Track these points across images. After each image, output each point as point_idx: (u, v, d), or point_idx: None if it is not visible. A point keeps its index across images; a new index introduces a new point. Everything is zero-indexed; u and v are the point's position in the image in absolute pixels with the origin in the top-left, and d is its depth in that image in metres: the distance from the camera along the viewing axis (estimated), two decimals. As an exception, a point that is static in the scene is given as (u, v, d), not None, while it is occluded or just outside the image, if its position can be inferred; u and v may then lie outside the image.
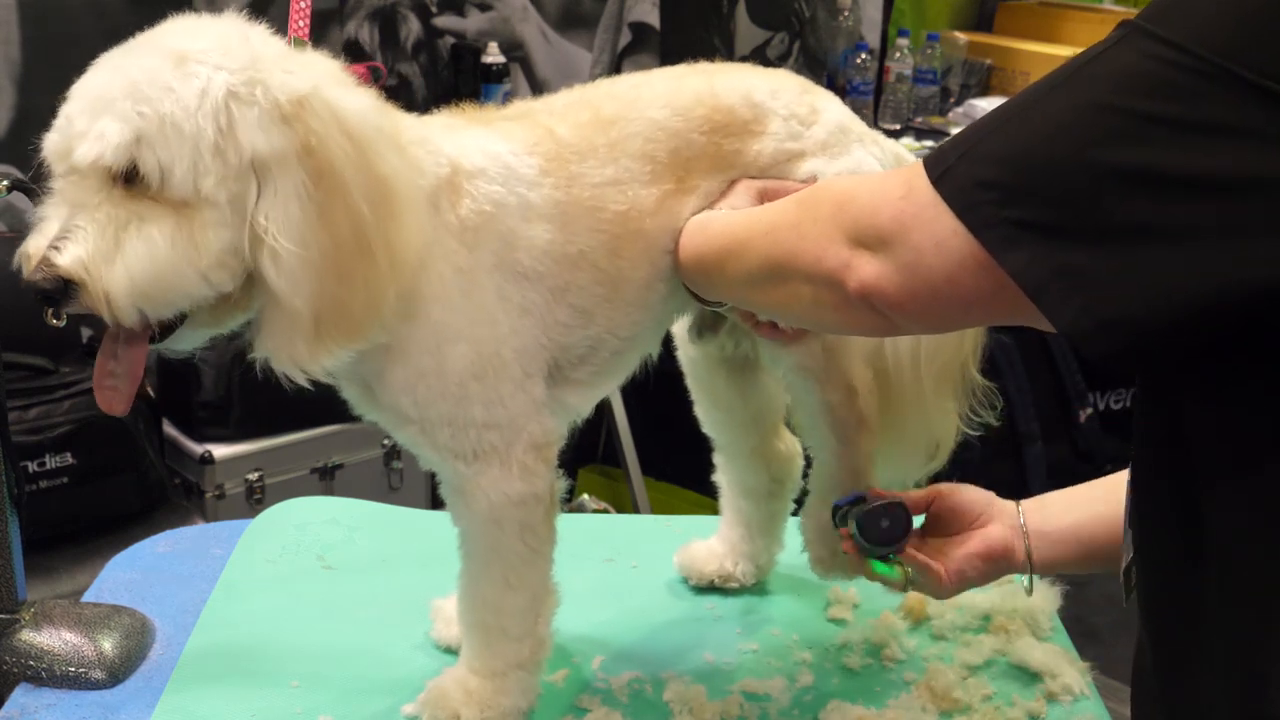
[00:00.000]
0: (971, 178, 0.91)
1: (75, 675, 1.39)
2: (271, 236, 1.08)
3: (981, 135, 0.92)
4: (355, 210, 1.10)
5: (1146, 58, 0.83)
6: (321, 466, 2.93)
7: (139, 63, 1.09)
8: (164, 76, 1.08)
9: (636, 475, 3.18)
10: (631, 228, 1.29)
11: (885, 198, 0.98)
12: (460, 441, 1.24)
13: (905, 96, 4.05)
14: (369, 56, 3.28)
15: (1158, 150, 0.82)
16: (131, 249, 1.06)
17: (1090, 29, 4.12)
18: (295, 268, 1.09)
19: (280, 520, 1.76)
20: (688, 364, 1.54)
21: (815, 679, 1.44)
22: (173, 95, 1.07)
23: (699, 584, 1.62)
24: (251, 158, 1.08)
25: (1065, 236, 0.86)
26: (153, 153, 1.06)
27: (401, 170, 1.14)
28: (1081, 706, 1.42)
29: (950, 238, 0.92)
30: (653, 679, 1.43)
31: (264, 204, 1.08)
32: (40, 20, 2.74)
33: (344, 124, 1.11)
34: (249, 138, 1.08)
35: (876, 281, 0.97)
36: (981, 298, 0.93)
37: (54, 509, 2.50)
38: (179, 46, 1.10)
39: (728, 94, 1.35)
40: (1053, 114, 0.87)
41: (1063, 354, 3.71)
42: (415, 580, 1.60)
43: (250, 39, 1.13)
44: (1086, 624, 3.24)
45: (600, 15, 3.67)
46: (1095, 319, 0.85)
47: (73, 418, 2.55)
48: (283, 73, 1.11)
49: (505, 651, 1.32)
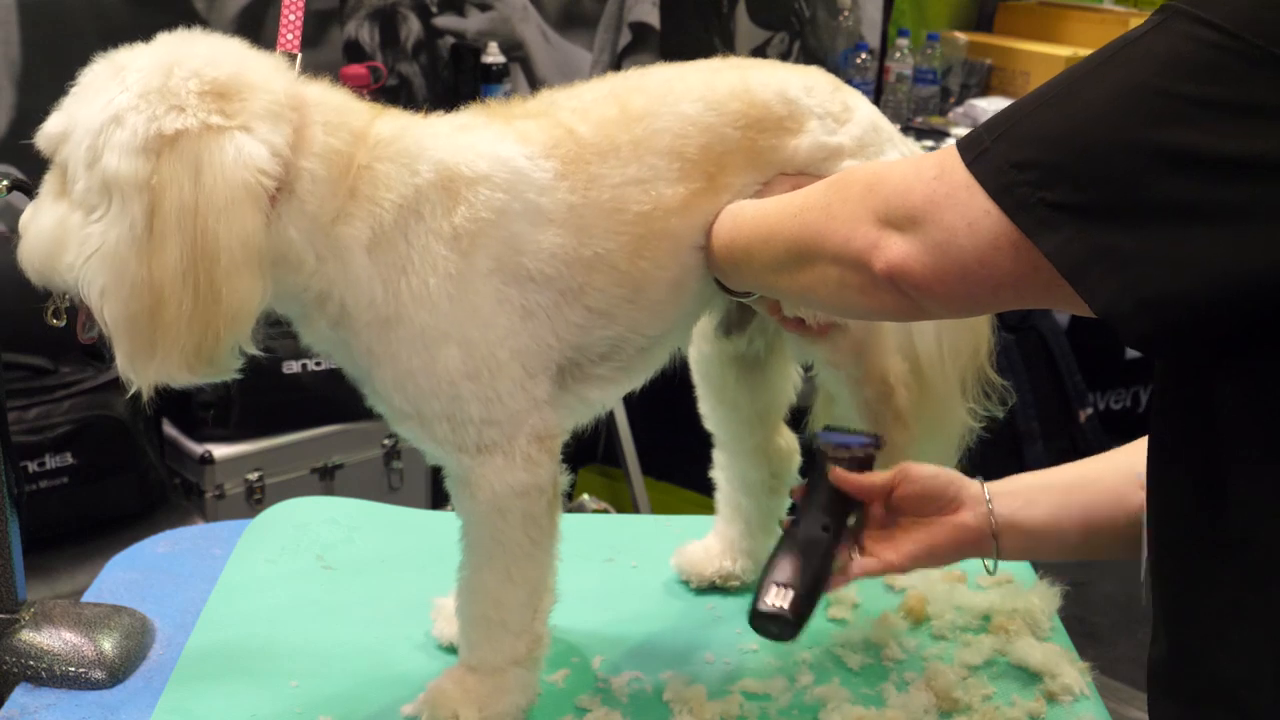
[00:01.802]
0: (1007, 159, 0.90)
1: (75, 675, 1.39)
2: (88, 249, 1.13)
3: (1018, 118, 0.92)
4: (173, 258, 1.12)
5: (1190, 40, 0.83)
6: (321, 466, 2.93)
7: (103, 66, 1.17)
8: (100, 82, 1.16)
9: (636, 475, 3.18)
10: (655, 228, 1.28)
11: (918, 178, 0.98)
12: (460, 436, 1.25)
13: (905, 96, 4.06)
14: (369, 56, 3.28)
15: (1202, 131, 0.82)
16: (35, 222, 1.19)
17: (1090, 29, 4.12)
18: (104, 292, 1.14)
19: (280, 520, 1.76)
20: (698, 361, 1.54)
21: (815, 679, 1.44)
22: (88, 103, 1.15)
23: (699, 586, 1.62)
24: (105, 178, 1.12)
25: (1103, 218, 0.85)
26: (65, 147, 1.16)
27: (244, 226, 1.14)
28: (1081, 706, 1.42)
29: (983, 218, 0.91)
30: (653, 679, 1.43)
31: (100, 222, 1.13)
32: (40, 20, 2.74)
33: (202, 174, 1.12)
34: (108, 159, 1.12)
35: (904, 262, 0.97)
36: (1013, 279, 0.92)
37: (54, 509, 2.50)
38: (127, 60, 1.16)
39: (762, 89, 1.34)
40: (1092, 97, 0.87)
41: (1063, 354, 3.71)
42: (415, 580, 1.60)
43: (180, 68, 1.15)
44: (1086, 624, 3.24)
45: (600, 15, 3.67)
46: (1133, 300, 0.85)
47: (73, 418, 2.55)
48: (171, 108, 1.13)
49: (503, 647, 1.32)
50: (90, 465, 2.56)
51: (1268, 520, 0.88)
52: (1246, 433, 0.89)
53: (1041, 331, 3.75)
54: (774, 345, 1.49)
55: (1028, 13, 4.42)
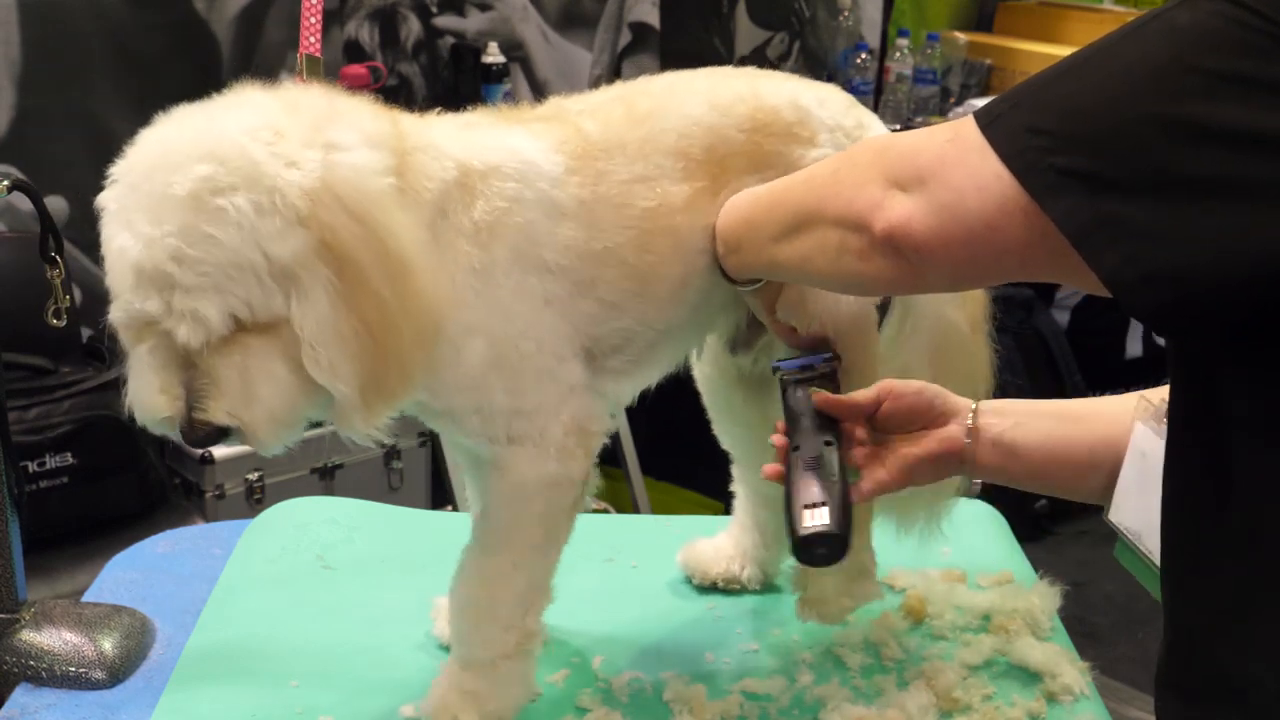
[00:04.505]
0: (1021, 124, 0.90)
1: (75, 675, 1.39)
2: (308, 337, 1.11)
3: (1037, 87, 0.92)
4: (377, 293, 1.12)
5: (1216, 17, 0.83)
6: (321, 466, 2.93)
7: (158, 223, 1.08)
8: (197, 228, 1.07)
9: (636, 475, 3.18)
10: (661, 224, 1.29)
11: (930, 141, 0.97)
12: (491, 428, 1.26)
13: (905, 96, 4.05)
14: (369, 56, 3.28)
15: (1222, 106, 0.81)
16: (263, 389, 1.12)
17: (1090, 29, 4.11)
18: (332, 361, 1.11)
19: (280, 520, 1.76)
20: (704, 382, 1.55)
21: (815, 679, 1.44)
22: (216, 243, 1.08)
23: (702, 583, 1.62)
24: (282, 267, 1.10)
25: (1115, 187, 0.85)
26: (235, 299, 1.09)
27: (405, 228, 1.15)
28: (1081, 706, 1.42)
29: (993, 181, 0.91)
30: (653, 679, 1.43)
31: (298, 307, 1.11)
32: (40, 20, 2.74)
33: (349, 206, 1.11)
34: (275, 250, 1.09)
35: (906, 222, 0.96)
36: (1018, 245, 0.92)
37: (54, 509, 2.50)
38: (185, 187, 1.08)
39: (773, 96, 1.35)
40: (1113, 68, 0.87)
41: (1063, 354, 3.71)
42: (415, 580, 1.59)
43: (238, 137, 1.11)
44: (1086, 624, 3.24)
45: (600, 15, 3.67)
46: (1139, 270, 0.84)
47: (73, 418, 2.55)
48: (286, 168, 1.10)
49: (491, 639, 1.31)
50: (90, 465, 2.56)
51: (1274, 514, 0.88)
52: (1253, 423, 0.89)
53: (1041, 331, 3.75)
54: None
55: (1028, 13, 4.42)
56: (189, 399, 1.12)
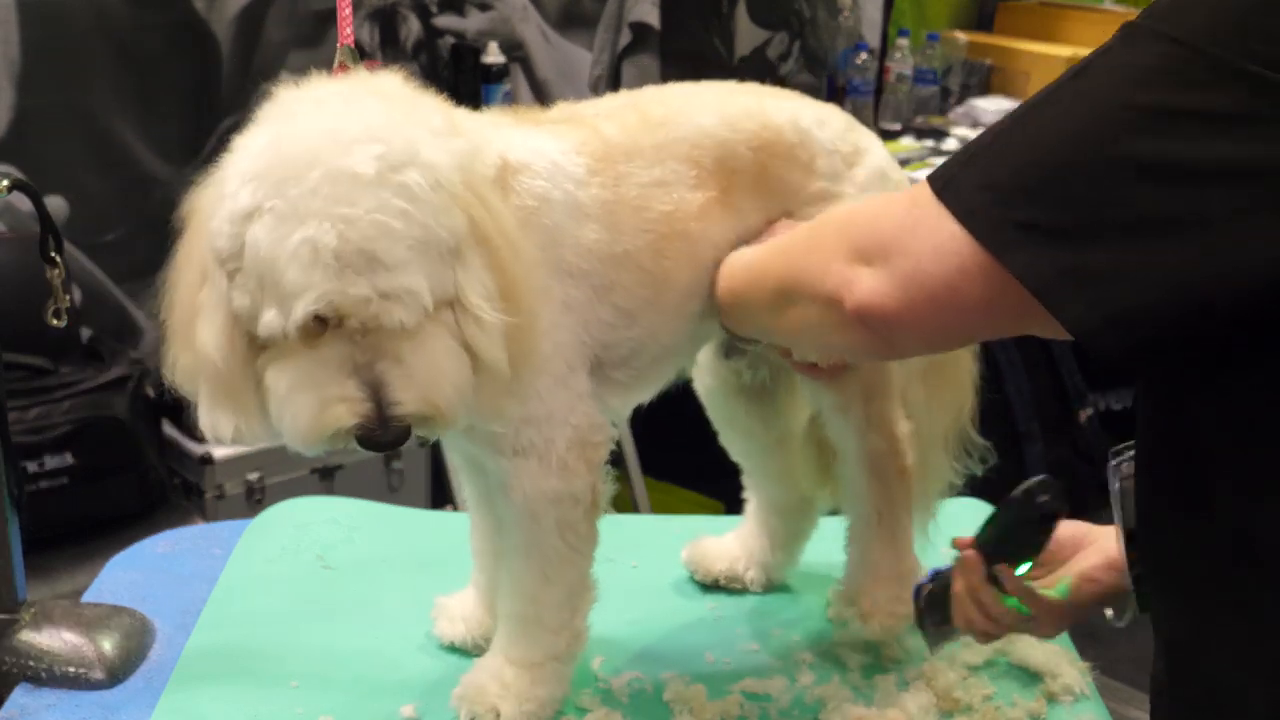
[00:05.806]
0: (974, 182, 0.91)
1: (75, 675, 1.39)
2: (476, 309, 1.09)
3: (983, 145, 0.92)
4: (509, 267, 1.12)
5: (1150, 54, 0.83)
6: (321, 467, 2.93)
7: (352, 204, 1.03)
8: (392, 203, 1.04)
9: (636, 475, 3.18)
10: (677, 228, 1.29)
11: (888, 211, 0.99)
12: (499, 436, 1.25)
13: (905, 96, 4.06)
14: (369, 56, 3.28)
15: (1165, 140, 0.82)
16: (449, 368, 1.08)
17: (1090, 29, 4.12)
18: (497, 333, 1.10)
19: (280, 520, 1.76)
20: (706, 395, 1.55)
21: (815, 679, 1.44)
22: (411, 218, 1.04)
23: (704, 580, 1.63)
24: (451, 244, 1.08)
25: (1070, 234, 0.85)
26: (433, 276, 1.07)
27: (506, 208, 1.16)
28: (1081, 707, 1.42)
29: (949, 242, 0.91)
30: (653, 679, 1.43)
31: (466, 282, 1.09)
32: (40, 20, 2.74)
33: (475, 189, 1.11)
34: (449, 224, 1.08)
35: (870, 298, 0.97)
36: (983, 303, 0.92)
37: (54, 509, 2.50)
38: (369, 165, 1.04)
39: (777, 114, 1.36)
40: (1054, 114, 0.88)
41: (1063, 354, 3.71)
42: (415, 580, 1.60)
43: (386, 119, 1.09)
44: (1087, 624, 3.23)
45: (600, 15, 3.67)
46: (1102, 315, 0.85)
47: (73, 418, 2.55)
48: (437, 149, 1.09)
49: (542, 642, 1.32)
50: (90, 465, 2.56)
51: (1252, 533, 0.89)
52: (1225, 447, 0.89)
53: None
54: (778, 373, 1.50)
55: (1028, 13, 4.42)
56: (378, 399, 1.06)
